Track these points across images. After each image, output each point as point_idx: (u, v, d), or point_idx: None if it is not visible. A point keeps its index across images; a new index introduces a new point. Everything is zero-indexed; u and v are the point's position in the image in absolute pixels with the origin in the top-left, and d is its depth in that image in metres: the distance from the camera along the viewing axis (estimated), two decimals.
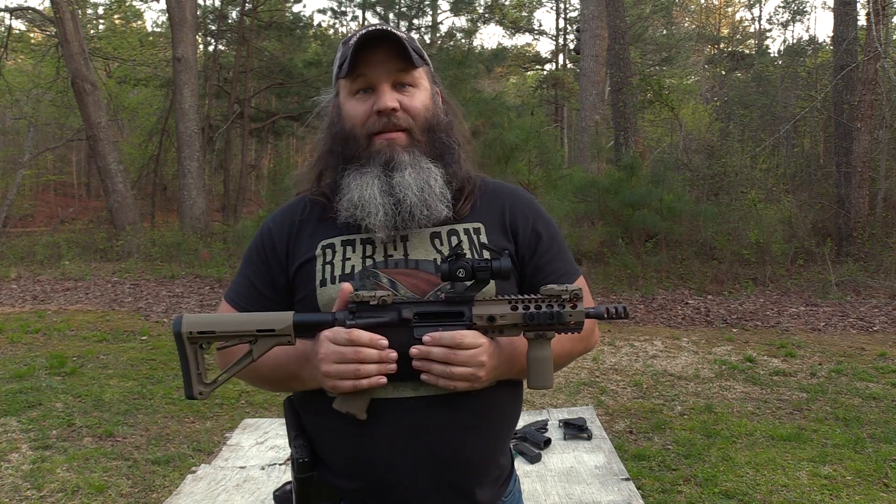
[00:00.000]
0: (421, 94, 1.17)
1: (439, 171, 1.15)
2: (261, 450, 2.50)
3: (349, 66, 1.12)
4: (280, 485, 1.31)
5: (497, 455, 1.21)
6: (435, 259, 1.14)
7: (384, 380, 1.02)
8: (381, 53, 1.12)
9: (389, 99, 1.13)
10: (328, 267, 1.15)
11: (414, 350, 1.00)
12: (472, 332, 1.02)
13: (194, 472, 2.33)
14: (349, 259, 1.15)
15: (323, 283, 1.14)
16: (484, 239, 1.18)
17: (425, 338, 1.01)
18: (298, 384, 1.15)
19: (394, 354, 1.02)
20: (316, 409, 1.17)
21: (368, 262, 1.14)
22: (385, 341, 1.01)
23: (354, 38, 1.15)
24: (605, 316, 1.04)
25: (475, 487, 1.16)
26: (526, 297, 1.03)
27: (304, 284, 1.17)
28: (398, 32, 1.16)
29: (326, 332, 1.03)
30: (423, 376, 1.04)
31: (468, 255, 1.06)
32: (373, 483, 1.14)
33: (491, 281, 1.09)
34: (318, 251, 1.17)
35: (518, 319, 1.03)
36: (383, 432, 1.11)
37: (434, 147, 1.17)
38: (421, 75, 1.18)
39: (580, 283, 1.26)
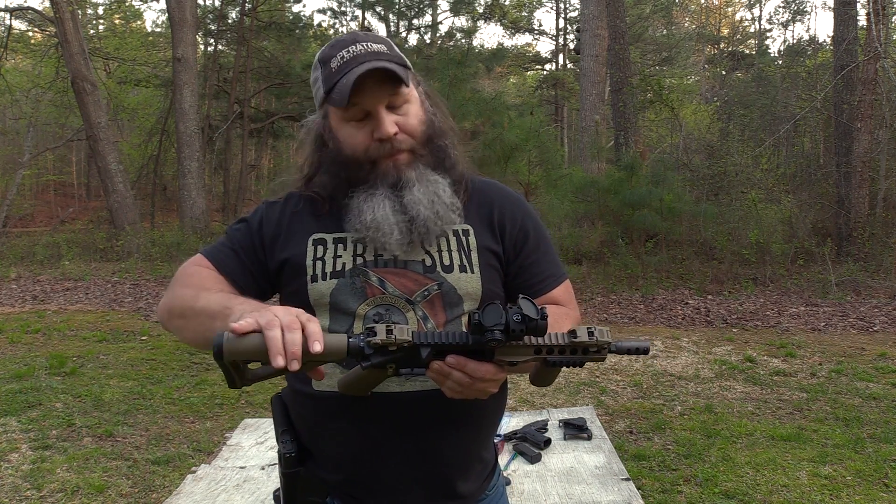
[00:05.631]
0: (414, 109, 1.17)
1: (446, 180, 1.17)
2: (261, 450, 2.50)
3: (346, 101, 1.09)
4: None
5: (480, 450, 1.23)
6: (423, 259, 1.15)
7: (294, 366, 0.89)
8: (371, 79, 1.11)
9: (389, 125, 1.12)
10: (319, 263, 1.16)
11: (435, 364, 0.97)
12: (494, 369, 0.99)
13: (194, 472, 2.33)
14: (340, 256, 1.16)
15: (314, 279, 1.15)
16: (473, 241, 1.19)
17: (449, 359, 0.97)
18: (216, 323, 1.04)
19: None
20: (303, 401, 1.19)
21: (359, 260, 1.15)
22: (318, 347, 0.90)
23: (337, 64, 1.13)
24: (625, 353, 1.02)
25: (458, 481, 1.18)
26: (554, 342, 0.98)
27: (294, 277, 1.17)
28: (377, 46, 1.15)
29: (295, 311, 0.94)
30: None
31: (500, 315, 0.94)
32: (358, 475, 1.16)
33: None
34: (310, 245, 1.18)
35: (538, 361, 1.00)
36: (369, 425, 1.13)
37: (435, 156, 1.18)
38: (411, 88, 1.18)
39: (565, 287, 1.27)
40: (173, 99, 14.24)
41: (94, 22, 25.77)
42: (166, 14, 14.70)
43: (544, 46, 53.47)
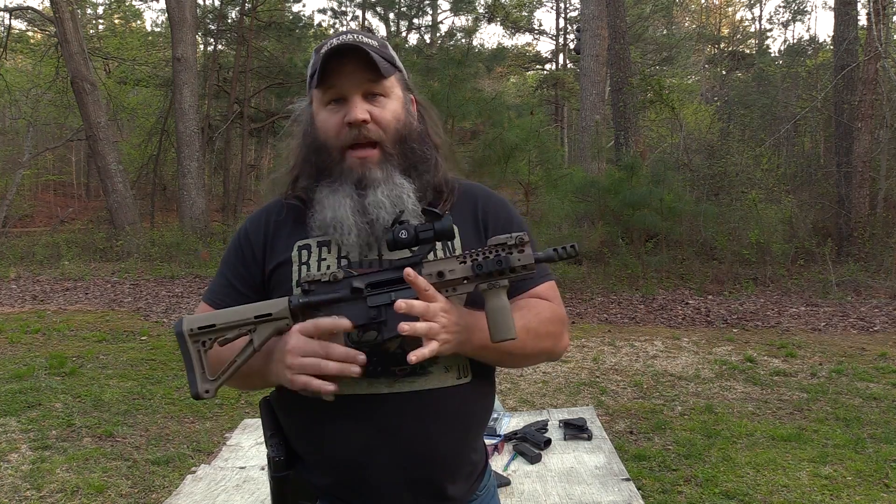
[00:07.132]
0: (392, 104, 1.18)
1: (412, 186, 1.17)
2: (261, 450, 2.50)
3: (319, 78, 1.13)
4: None
5: (468, 452, 1.23)
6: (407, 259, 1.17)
7: (356, 370, 1.02)
8: (351, 64, 1.13)
9: (360, 111, 1.14)
10: (304, 267, 1.18)
11: (401, 304, 1.00)
12: (424, 281, 1.03)
13: (194, 472, 2.33)
14: (324, 259, 1.17)
15: (299, 284, 1.16)
16: (458, 242, 1.20)
17: (399, 302, 1.00)
18: (261, 381, 1.17)
19: (361, 357, 1.02)
20: (292, 405, 1.19)
21: (343, 262, 1.17)
22: (346, 322, 1.02)
23: (325, 48, 1.16)
24: (556, 258, 1.06)
25: (446, 483, 1.18)
26: (473, 250, 1.06)
27: (281, 284, 1.19)
28: (368, 40, 1.17)
29: (297, 325, 1.05)
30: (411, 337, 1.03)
31: (412, 221, 1.06)
32: (346, 478, 1.16)
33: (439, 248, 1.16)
34: (294, 252, 1.19)
35: (468, 272, 1.04)
36: (357, 428, 1.13)
37: (406, 158, 1.19)
38: (393, 84, 1.19)
39: (550, 286, 1.26)
40: (173, 99, 14.23)
41: (94, 22, 25.79)
42: (166, 14, 14.70)
43: (544, 46, 53.41)
